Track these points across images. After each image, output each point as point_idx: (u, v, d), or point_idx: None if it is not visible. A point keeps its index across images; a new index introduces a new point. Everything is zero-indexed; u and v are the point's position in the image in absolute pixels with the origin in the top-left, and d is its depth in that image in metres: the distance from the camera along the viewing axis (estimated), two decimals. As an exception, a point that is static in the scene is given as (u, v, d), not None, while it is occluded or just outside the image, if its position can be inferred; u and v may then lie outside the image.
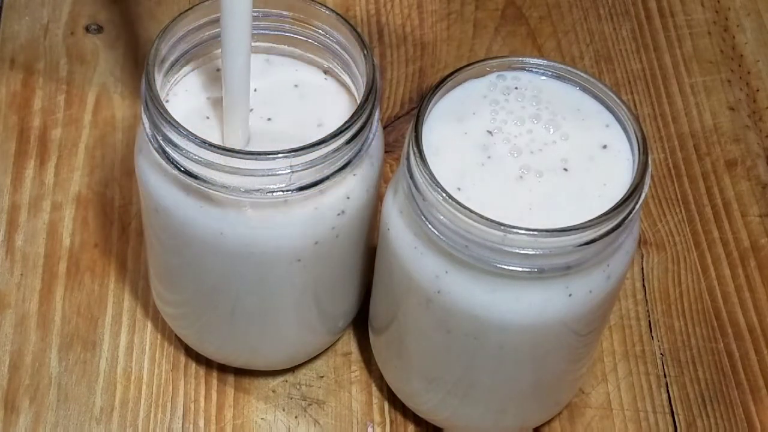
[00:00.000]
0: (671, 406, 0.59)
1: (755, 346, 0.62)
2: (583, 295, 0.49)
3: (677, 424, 0.59)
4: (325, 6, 0.53)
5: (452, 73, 0.51)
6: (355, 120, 0.48)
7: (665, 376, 0.60)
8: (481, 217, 0.46)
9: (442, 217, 0.47)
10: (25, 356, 0.59)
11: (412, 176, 0.48)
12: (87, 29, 0.73)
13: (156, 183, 0.50)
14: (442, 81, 0.51)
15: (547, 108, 0.51)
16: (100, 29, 0.73)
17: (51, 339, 0.60)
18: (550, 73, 0.52)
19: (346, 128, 0.48)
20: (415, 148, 0.48)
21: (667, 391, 0.60)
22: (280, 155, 0.47)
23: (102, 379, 0.59)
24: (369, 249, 0.56)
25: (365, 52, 0.51)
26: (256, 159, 0.47)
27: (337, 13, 0.52)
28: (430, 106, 0.50)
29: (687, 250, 0.66)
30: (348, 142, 0.48)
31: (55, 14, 0.73)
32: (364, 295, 0.59)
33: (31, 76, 0.70)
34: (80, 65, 0.71)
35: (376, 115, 0.51)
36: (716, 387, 0.60)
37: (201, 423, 0.57)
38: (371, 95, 0.49)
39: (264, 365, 0.58)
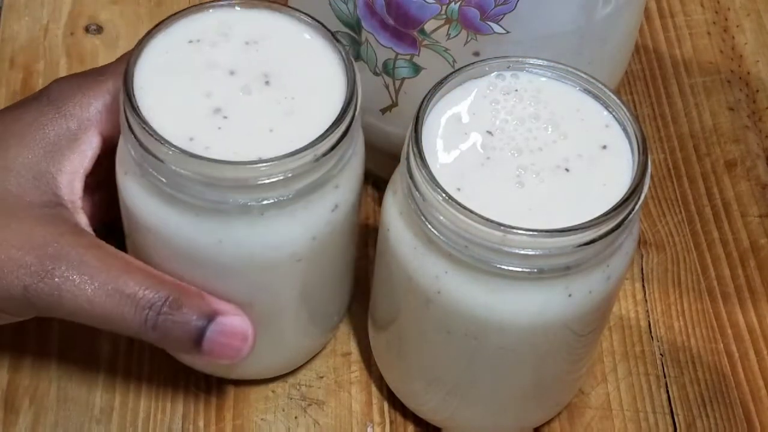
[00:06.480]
0: (671, 406, 0.59)
1: (755, 346, 0.62)
2: (582, 296, 0.49)
3: (677, 425, 0.59)
4: (309, 16, 0.52)
5: (452, 73, 0.51)
6: (336, 127, 0.48)
7: (665, 377, 0.60)
8: (481, 217, 0.46)
9: (441, 218, 0.47)
10: (25, 357, 0.59)
11: (411, 176, 0.48)
12: (87, 29, 0.73)
13: (147, 205, 0.50)
14: (442, 81, 0.51)
15: (546, 108, 0.51)
16: (100, 29, 0.73)
17: (51, 339, 0.60)
18: (549, 74, 0.52)
19: (327, 136, 0.48)
20: (415, 148, 0.48)
21: (667, 391, 0.60)
22: (273, 161, 0.47)
23: (102, 379, 0.59)
24: (357, 240, 0.56)
25: (346, 63, 0.51)
26: (251, 167, 0.47)
27: (321, 23, 0.52)
28: (430, 106, 0.50)
29: (687, 250, 0.66)
30: (331, 149, 0.48)
31: (54, 14, 0.73)
32: (353, 287, 0.59)
33: (31, 76, 0.70)
34: (80, 65, 0.71)
35: (358, 118, 0.50)
36: (716, 387, 0.60)
37: (201, 423, 0.57)
38: (352, 101, 0.49)
39: (262, 373, 0.58)
